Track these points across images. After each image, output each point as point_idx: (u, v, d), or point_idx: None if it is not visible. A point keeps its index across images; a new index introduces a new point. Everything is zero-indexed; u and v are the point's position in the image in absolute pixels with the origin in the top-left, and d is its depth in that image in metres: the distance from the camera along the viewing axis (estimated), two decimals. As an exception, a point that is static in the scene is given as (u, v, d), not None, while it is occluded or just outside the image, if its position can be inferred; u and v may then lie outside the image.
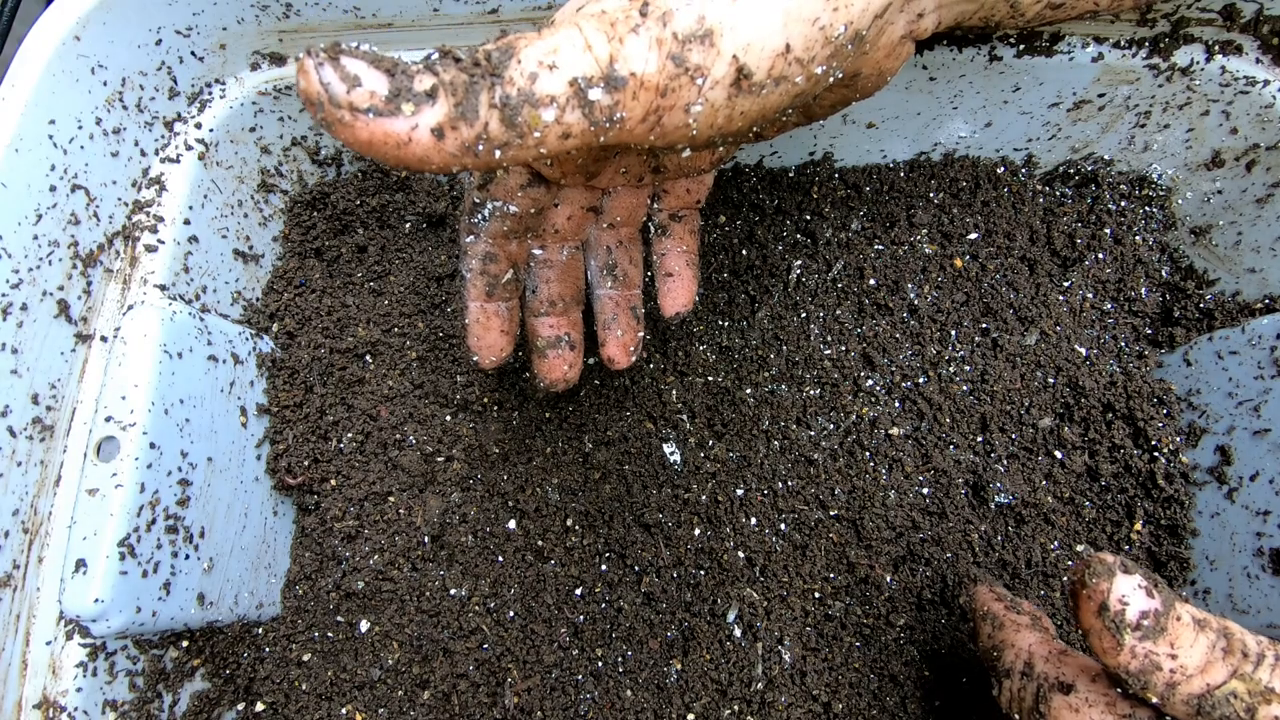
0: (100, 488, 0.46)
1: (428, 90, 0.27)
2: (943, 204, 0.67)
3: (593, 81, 0.29)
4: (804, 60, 0.32)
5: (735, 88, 0.31)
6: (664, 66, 0.30)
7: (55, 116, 0.48)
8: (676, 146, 0.33)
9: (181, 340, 0.51)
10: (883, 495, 0.61)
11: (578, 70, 0.28)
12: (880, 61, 0.39)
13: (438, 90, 0.27)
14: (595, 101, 0.29)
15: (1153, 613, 0.32)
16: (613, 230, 0.50)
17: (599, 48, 0.29)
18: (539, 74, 0.28)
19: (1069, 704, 0.36)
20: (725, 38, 0.30)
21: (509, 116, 0.28)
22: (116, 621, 0.46)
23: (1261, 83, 0.56)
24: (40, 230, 0.47)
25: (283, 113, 0.61)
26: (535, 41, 0.29)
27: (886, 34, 0.37)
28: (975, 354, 0.64)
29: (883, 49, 0.38)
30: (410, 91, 0.27)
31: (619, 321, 0.51)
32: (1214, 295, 0.63)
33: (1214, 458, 0.58)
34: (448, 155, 0.28)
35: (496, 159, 0.29)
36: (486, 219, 0.45)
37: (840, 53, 0.33)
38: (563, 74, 0.28)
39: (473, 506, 0.62)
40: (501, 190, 0.45)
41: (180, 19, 0.54)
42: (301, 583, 0.60)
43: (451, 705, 0.57)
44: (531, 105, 0.28)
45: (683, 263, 0.51)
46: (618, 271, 0.51)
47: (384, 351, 0.64)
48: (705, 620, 0.59)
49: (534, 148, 0.29)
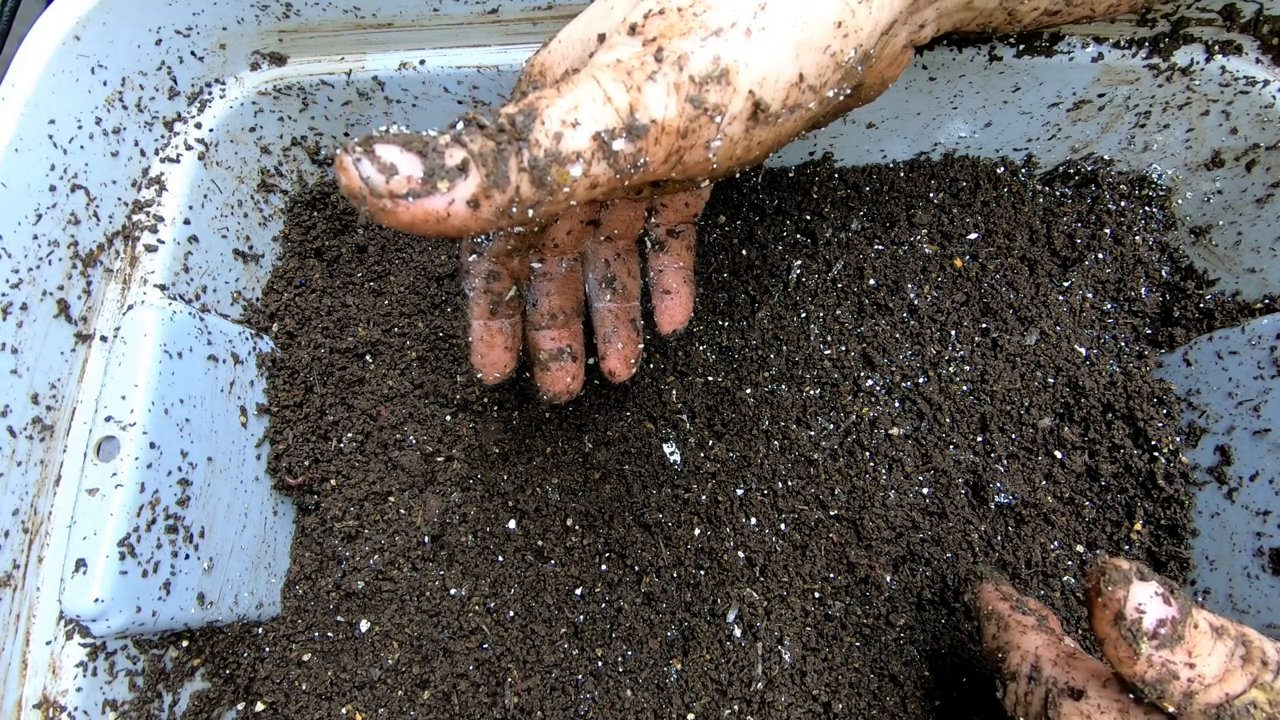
0: (100, 487, 0.46)
1: (459, 165, 0.28)
2: (943, 204, 0.67)
3: (615, 134, 0.29)
4: (816, 87, 0.32)
5: (753, 120, 0.31)
6: (684, 110, 0.30)
7: (55, 116, 0.48)
8: (696, 180, 0.34)
9: (181, 340, 0.51)
10: (883, 495, 0.61)
11: (600, 125, 0.29)
12: (883, 71, 0.39)
13: (469, 164, 0.28)
14: (619, 152, 0.29)
15: (1170, 620, 0.31)
16: (610, 243, 0.51)
17: (618, 99, 0.29)
18: (563, 133, 0.29)
19: (1079, 710, 0.35)
20: (741, 75, 0.30)
21: (539, 177, 0.29)
22: (116, 621, 0.46)
23: (1261, 83, 0.56)
24: (40, 230, 0.47)
25: (283, 113, 0.61)
26: (556, 100, 0.29)
27: (890, 46, 0.38)
28: (975, 354, 0.64)
29: (885, 60, 0.38)
30: (443, 169, 0.28)
31: (619, 334, 0.52)
32: (1214, 295, 0.63)
33: (1214, 458, 0.58)
34: (485, 221, 0.29)
35: (530, 217, 0.30)
36: (490, 237, 0.45)
37: (850, 74, 0.33)
38: (586, 130, 0.29)
39: (473, 506, 0.62)
40: None
41: (180, 19, 0.54)
42: (301, 583, 0.60)
43: (451, 705, 0.57)
44: (559, 164, 0.29)
45: (679, 280, 0.51)
46: (616, 284, 0.51)
47: (384, 351, 0.64)
48: (705, 620, 0.59)
49: (564, 201, 0.30)
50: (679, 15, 0.31)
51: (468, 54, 0.58)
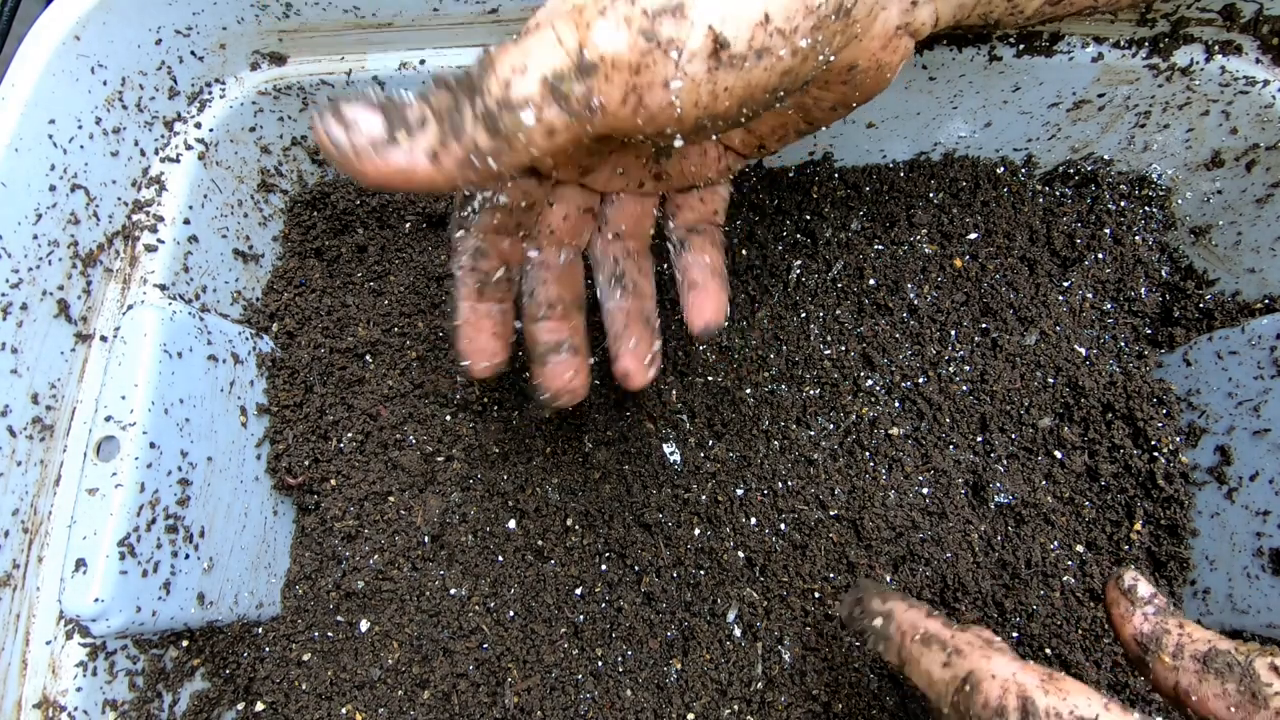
0: (100, 487, 0.46)
1: (419, 119, 0.29)
2: (943, 204, 0.67)
3: (564, 74, 0.29)
4: (785, 31, 0.31)
5: (714, 59, 0.30)
6: (635, 43, 0.29)
7: (55, 116, 0.48)
8: (666, 131, 0.33)
9: (181, 340, 0.51)
10: (883, 495, 0.61)
11: (548, 67, 0.29)
12: (876, 53, 0.38)
13: (427, 116, 0.29)
14: (569, 94, 0.29)
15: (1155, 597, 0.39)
16: (619, 241, 0.48)
17: (568, 40, 0.29)
18: (512, 79, 0.29)
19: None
20: (697, 8, 0.30)
21: (491, 125, 0.29)
22: (116, 621, 0.46)
23: (1261, 83, 0.56)
24: (40, 230, 0.47)
25: (283, 112, 0.61)
26: (510, 49, 0.30)
27: (879, 19, 0.36)
28: (975, 354, 0.64)
29: (876, 37, 0.37)
30: (404, 122, 0.29)
31: (630, 331, 0.47)
32: (1214, 295, 0.63)
33: (1214, 458, 0.58)
34: (449, 174, 0.30)
35: (494, 169, 0.30)
36: (476, 212, 0.43)
37: (824, 24, 0.32)
38: (534, 74, 0.29)
39: (473, 506, 0.62)
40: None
41: (180, 19, 0.54)
42: (301, 582, 0.60)
43: (451, 705, 0.57)
44: (509, 111, 0.29)
45: (707, 273, 0.47)
46: (626, 281, 0.48)
47: (384, 351, 0.64)
48: (705, 620, 0.59)
49: (524, 150, 0.30)
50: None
51: (468, 54, 0.58)
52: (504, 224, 0.44)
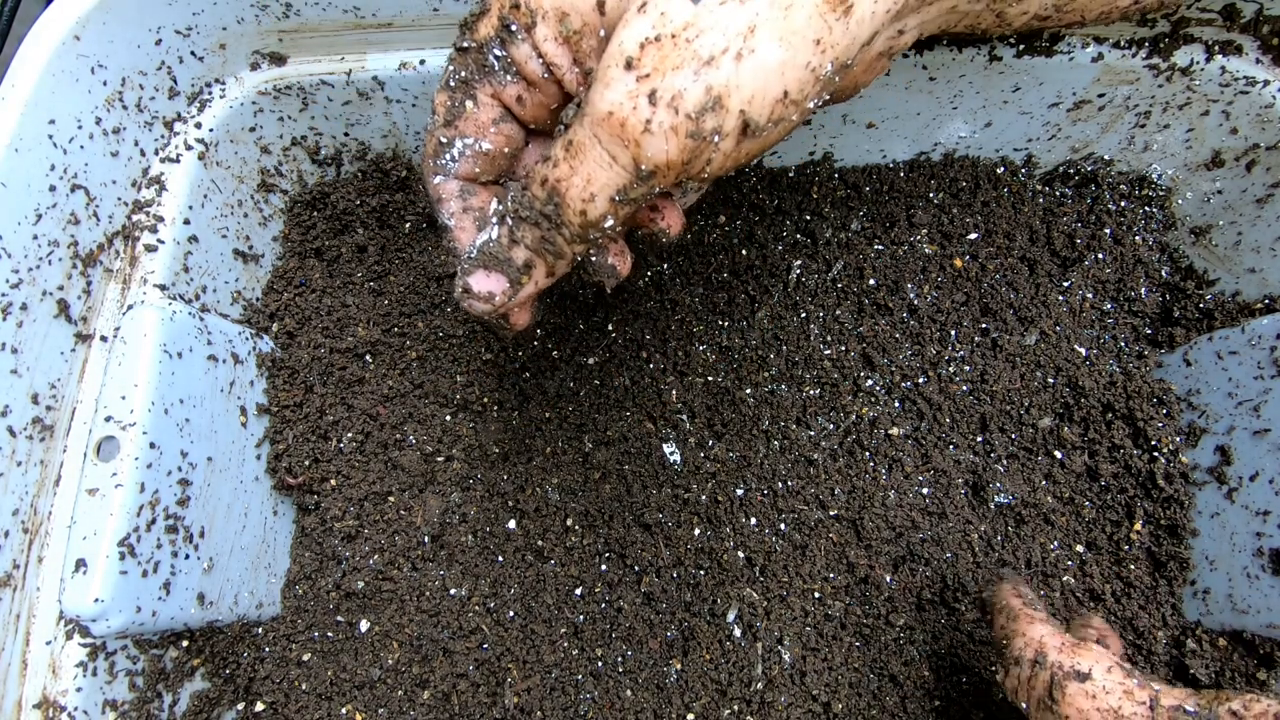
0: (100, 487, 0.46)
1: (525, 263, 0.38)
2: (943, 204, 0.67)
3: (629, 188, 0.34)
4: (799, 100, 0.34)
5: (742, 135, 0.33)
6: (684, 146, 0.32)
7: (55, 116, 0.48)
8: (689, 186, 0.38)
9: (181, 340, 0.51)
10: (883, 495, 0.61)
11: (613, 188, 0.34)
12: (858, 77, 0.41)
13: (532, 260, 0.38)
14: (635, 196, 0.35)
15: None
16: None
17: (621, 158, 0.33)
18: (586, 209, 0.35)
19: (1085, 691, 0.38)
20: (733, 97, 0.32)
21: (580, 237, 0.37)
22: (116, 621, 0.46)
23: (1261, 83, 0.56)
24: (40, 230, 0.47)
25: (282, 113, 0.61)
26: (572, 179, 0.34)
27: (865, 55, 0.39)
28: (975, 354, 0.64)
29: (860, 66, 0.39)
30: (515, 270, 0.38)
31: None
32: (1214, 295, 0.63)
33: (1214, 458, 0.58)
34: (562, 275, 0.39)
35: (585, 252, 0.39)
36: (456, 159, 0.42)
37: (828, 85, 0.35)
38: (603, 197, 0.35)
39: (473, 506, 0.62)
40: (472, 126, 0.41)
41: (180, 19, 0.54)
42: (301, 583, 0.60)
43: (451, 705, 0.57)
44: (594, 227, 0.36)
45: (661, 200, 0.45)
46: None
47: (384, 351, 0.64)
48: (705, 620, 0.59)
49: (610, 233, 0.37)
50: (673, 44, 0.31)
51: (468, 54, 0.58)
52: (485, 170, 0.43)
